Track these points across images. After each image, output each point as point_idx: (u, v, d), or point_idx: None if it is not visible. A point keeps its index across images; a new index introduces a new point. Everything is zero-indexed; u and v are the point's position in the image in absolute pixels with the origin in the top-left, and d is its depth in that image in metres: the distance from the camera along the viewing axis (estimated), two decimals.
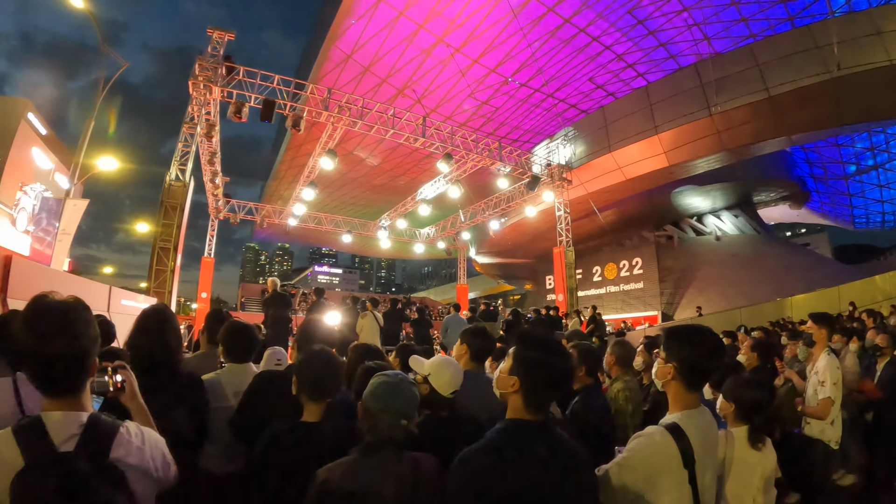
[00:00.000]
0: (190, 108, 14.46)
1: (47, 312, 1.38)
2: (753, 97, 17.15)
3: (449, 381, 2.42)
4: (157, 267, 13.72)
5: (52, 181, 15.70)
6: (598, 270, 31.28)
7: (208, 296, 23.59)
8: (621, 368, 4.00)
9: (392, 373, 2.01)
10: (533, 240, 28.37)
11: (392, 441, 1.83)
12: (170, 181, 14.11)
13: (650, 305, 27.68)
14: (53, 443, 1.31)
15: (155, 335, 2.43)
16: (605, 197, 23.26)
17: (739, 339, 7.30)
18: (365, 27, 21.41)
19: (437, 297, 54.34)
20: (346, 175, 29.90)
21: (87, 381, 1.44)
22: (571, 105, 29.38)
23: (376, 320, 9.56)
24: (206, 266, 23.52)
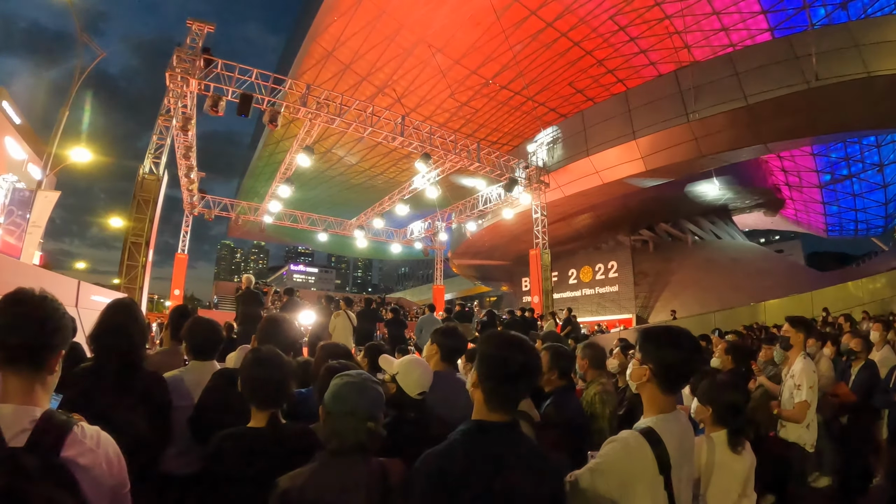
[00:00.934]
0: (166, 99, 14.24)
1: (20, 303, 1.37)
2: (731, 105, 17.36)
3: (417, 381, 2.38)
4: (129, 262, 13.43)
5: (24, 172, 15.40)
6: (574, 273, 31.49)
7: (181, 293, 23.21)
8: (595, 371, 3.95)
9: (355, 372, 1.89)
10: (510, 242, 28.46)
11: (358, 446, 1.71)
12: (143, 174, 13.85)
13: (625, 308, 27.95)
14: (3, 437, 1.25)
15: (119, 330, 2.34)
16: (582, 200, 23.43)
17: (714, 342, 7.34)
18: (347, 24, 21.31)
19: (414, 297, 54.29)
20: (323, 173, 29.77)
21: (45, 376, 1.39)
22: (551, 109, 29.59)
23: (349, 320, 9.49)
24: (179, 263, 23.11)
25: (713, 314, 17.22)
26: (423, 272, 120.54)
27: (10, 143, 14.36)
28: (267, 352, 2.24)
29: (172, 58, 13.48)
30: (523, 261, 25.91)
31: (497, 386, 1.66)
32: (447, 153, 17.71)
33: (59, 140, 14.03)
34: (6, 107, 13.76)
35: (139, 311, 2.53)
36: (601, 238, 29.98)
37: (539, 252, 20.28)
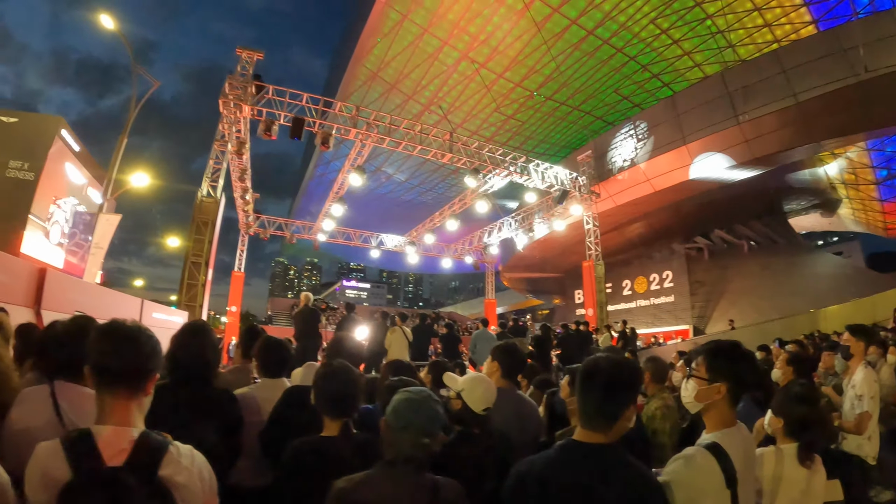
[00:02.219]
0: (220, 126, 14.74)
1: (117, 332, 1.49)
2: (781, 104, 16.89)
3: (482, 397, 2.42)
4: (189, 281, 13.93)
5: (84, 196, 16.23)
6: (628, 284, 30.80)
7: (238, 309, 23.89)
8: (657, 385, 3.92)
9: (416, 389, 1.97)
10: (561, 254, 28.20)
11: (412, 459, 1.78)
12: (201, 197, 14.37)
13: (681, 319, 27.15)
14: (102, 457, 1.33)
15: (194, 350, 2.48)
16: (633, 209, 23.09)
17: (774, 353, 7.11)
18: (390, 45, 21.71)
19: (465, 311, 54.21)
20: (373, 191, 30.19)
21: (141, 398, 1.49)
22: (598, 118, 29.35)
23: (405, 335, 9.59)
24: (236, 280, 23.87)
25: (772, 322, 16.65)
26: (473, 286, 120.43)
27: (70, 168, 15.14)
28: (338, 365, 2.36)
29: (225, 85, 13.97)
30: (575, 273, 25.60)
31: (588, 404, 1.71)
32: (496, 167, 17.74)
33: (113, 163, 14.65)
34: (65, 135, 14.53)
35: (212, 333, 2.67)
36: (655, 247, 29.37)
37: (592, 263, 19.97)
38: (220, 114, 14.39)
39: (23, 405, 1.95)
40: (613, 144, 23.31)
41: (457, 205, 22.92)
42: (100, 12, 14.26)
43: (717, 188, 21.38)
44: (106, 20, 14.19)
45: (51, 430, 1.82)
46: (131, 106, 14.93)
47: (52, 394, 1.97)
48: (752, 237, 29.03)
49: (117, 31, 14.65)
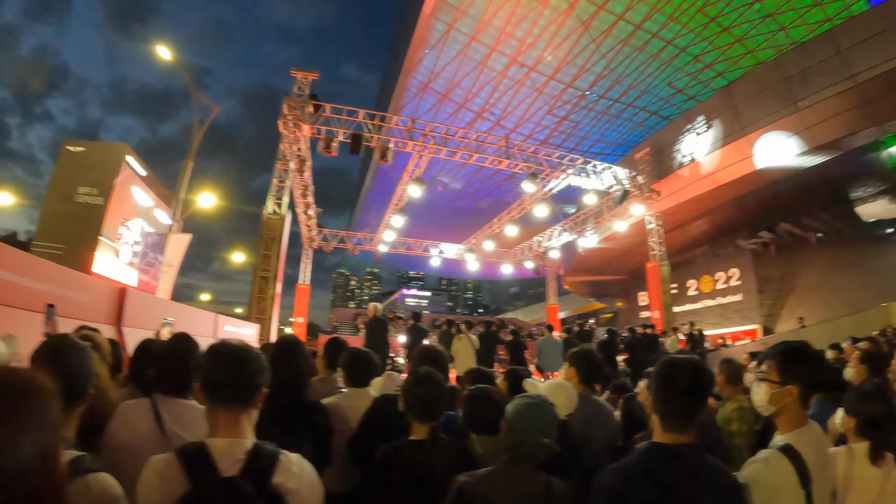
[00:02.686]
0: (281, 146, 15.20)
1: (228, 351, 1.60)
2: (839, 87, 16.02)
3: (564, 403, 2.47)
4: (259, 294, 14.36)
5: (152, 217, 17.16)
6: (694, 284, 29.56)
7: (304, 320, 24.53)
8: (732, 387, 3.86)
9: (535, 394, 2.14)
10: (624, 255, 27.62)
11: (531, 458, 1.94)
12: (267, 215, 14.85)
13: (749, 319, 25.86)
14: (218, 467, 1.41)
15: (289, 363, 2.59)
16: (696, 206, 22.44)
17: (846, 352, 6.78)
18: (439, 56, 21.91)
19: (526, 317, 53.69)
20: (430, 200, 30.43)
21: (251, 411, 1.59)
22: (653, 113, 28.74)
23: (471, 343, 9.64)
24: (301, 292, 24.60)
25: (842, 319, 15.83)
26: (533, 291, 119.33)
27: (137, 192, 16.02)
28: (425, 372, 2.46)
29: (283, 107, 14.44)
30: (638, 274, 25.07)
31: (669, 406, 1.74)
32: (553, 170, 17.62)
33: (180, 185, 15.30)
34: (131, 161, 15.39)
35: (304, 347, 2.80)
36: (719, 244, 28.30)
37: (657, 264, 19.49)
38: (276, 132, 14.84)
39: (124, 418, 2.07)
40: (671, 140, 22.73)
41: (515, 210, 22.85)
42: (154, 43, 14.99)
43: (780, 179, 20.44)
44: (163, 51, 14.88)
45: (153, 442, 1.95)
46: (194, 131, 15.57)
47: (153, 407, 2.09)
48: (818, 228, 27.41)
49: (175, 61, 15.34)
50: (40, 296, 4.93)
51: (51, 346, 1.78)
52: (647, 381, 3.19)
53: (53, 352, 1.74)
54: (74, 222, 13.92)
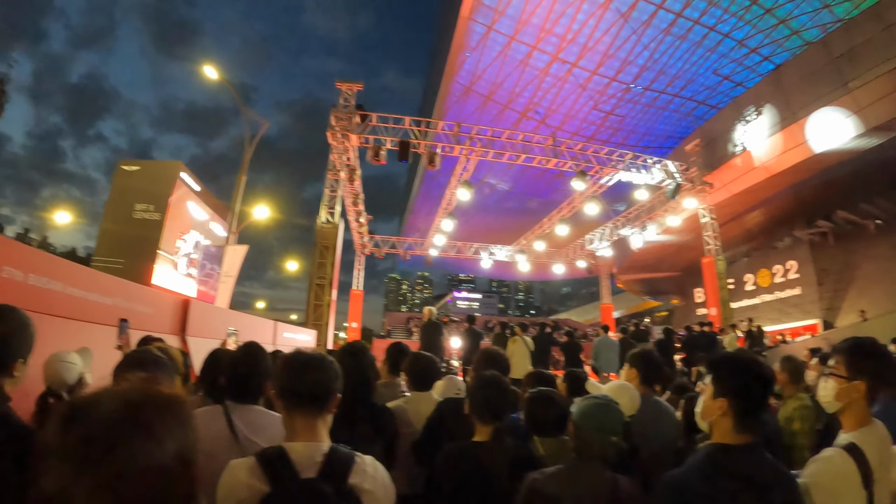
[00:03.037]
0: (331, 156, 15.49)
1: (305, 359, 1.69)
2: (891, 63, 15.14)
3: (628, 405, 2.50)
4: (315, 301, 14.69)
5: (208, 230, 17.82)
6: (751, 278, 28.43)
7: (359, 325, 25.04)
8: (794, 386, 3.81)
9: (601, 395, 2.19)
10: (678, 251, 26.96)
11: (601, 457, 1.99)
12: (321, 224, 15.18)
13: (809, 313, 24.60)
14: (296, 470, 1.48)
15: (356, 369, 2.64)
16: (750, 197, 21.70)
17: None
18: (480, 58, 21.91)
19: (579, 317, 52.87)
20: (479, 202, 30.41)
21: (326, 416, 1.67)
22: (700, 102, 27.93)
23: (526, 345, 9.61)
24: (355, 298, 25.22)
25: None
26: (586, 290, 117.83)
27: (192, 206, 16.65)
28: (490, 375, 2.52)
29: (330, 118, 14.76)
30: (693, 270, 24.40)
31: (749, 408, 1.73)
32: (602, 166, 17.37)
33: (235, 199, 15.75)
34: (185, 177, 15.99)
35: (370, 353, 2.86)
36: (776, 235, 27.15)
37: (712, 259, 18.90)
38: (325, 143, 15.15)
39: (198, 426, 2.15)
40: (721, 129, 22.04)
41: (565, 209, 22.63)
42: (200, 63, 15.44)
43: (835, 165, 19.42)
44: (210, 71, 15.34)
45: (226, 447, 2.03)
46: (245, 146, 16.00)
47: (226, 414, 2.17)
48: (877, 215, 25.97)
49: (222, 80, 15.83)
50: (111, 310, 5.18)
51: (135, 359, 1.88)
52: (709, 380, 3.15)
53: (138, 365, 1.84)
54: (133, 237, 14.61)
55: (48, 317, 4.16)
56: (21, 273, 3.91)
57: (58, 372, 2.64)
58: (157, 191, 15.17)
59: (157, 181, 15.44)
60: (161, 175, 15.78)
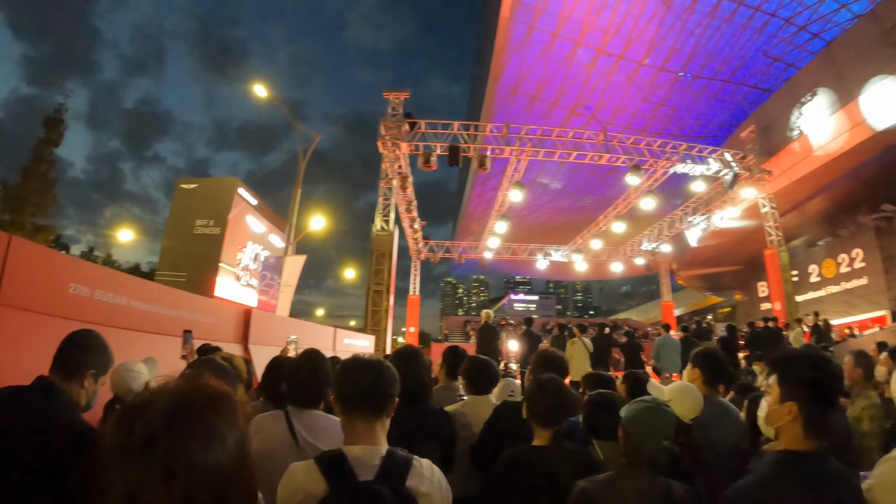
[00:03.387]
0: (383, 165, 15.70)
1: (362, 365, 1.71)
2: None
3: (691, 407, 2.43)
4: (373, 307, 14.94)
5: (267, 242, 18.44)
6: (815, 270, 26.38)
7: (416, 330, 25.35)
8: (864, 383, 3.61)
9: (650, 398, 2.11)
10: (739, 244, 25.92)
11: (652, 462, 1.92)
12: (376, 232, 15.42)
13: (876, 304, 22.53)
14: (354, 472, 1.50)
15: (410, 372, 2.63)
16: (810, 183, 20.66)
17: None
18: (524, 57, 21.77)
19: (639, 317, 51.62)
20: (532, 202, 30.19)
21: (384, 419, 1.69)
22: (752, 86, 26.84)
23: (585, 346, 9.47)
24: (412, 303, 25.68)
25: None
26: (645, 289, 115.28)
27: (251, 220, 17.27)
28: (548, 378, 2.49)
29: (380, 128, 15.01)
30: (756, 263, 23.39)
31: (820, 411, 1.59)
32: (656, 159, 16.98)
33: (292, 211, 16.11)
34: (242, 192, 16.54)
35: (423, 357, 2.88)
36: (839, 223, 25.38)
37: (775, 251, 18.17)
38: (376, 152, 15.39)
39: (259, 429, 2.22)
40: (776, 113, 21.12)
41: (620, 205, 22.21)
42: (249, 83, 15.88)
43: None
44: (259, 89, 15.78)
45: (286, 451, 2.09)
46: (299, 160, 16.36)
47: (287, 418, 2.23)
48: None
49: (271, 97, 16.27)
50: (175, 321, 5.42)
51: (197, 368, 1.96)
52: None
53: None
54: (194, 252, 15.33)
55: (114, 329, 4.36)
56: (88, 289, 4.13)
57: (124, 380, 2.77)
58: (215, 206, 15.81)
59: (216, 197, 16.08)
60: (219, 191, 16.43)
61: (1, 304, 3.27)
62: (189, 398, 0.87)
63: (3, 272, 3.29)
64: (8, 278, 3.31)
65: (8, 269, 3.32)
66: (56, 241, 37.41)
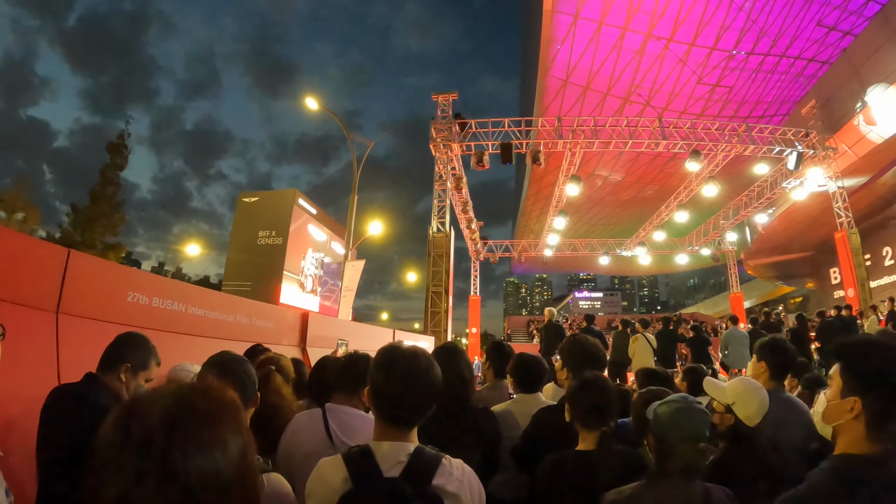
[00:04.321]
0: (436, 168, 15.78)
1: (400, 362, 1.60)
2: None
3: (758, 408, 2.22)
4: (432, 309, 15.13)
5: (329, 249, 19.04)
6: (889, 252, 24.43)
7: (478, 331, 25.40)
8: None
9: (679, 396, 1.93)
10: (808, 228, 24.55)
11: (688, 468, 1.75)
12: (433, 234, 15.52)
13: None
14: (380, 469, 1.47)
15: (450, 369, 2.54)
16: (878, 157, 19.24)
17: None
18: (571, 48, 21.41)
19: (708, 310, 49.72)
20: (591, 197, 29.68)
21: (421, 419, 1.61)
22: (809, 59, 25.32)
23: (648, 342, 9.22)
24: (473, 304, 25.75)
25: None
26: (714, 280, 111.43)
27: (312, 229, 17.72)
28: (591, 377, 2.34)
29: (431, 131, 15.10)
30: (827, 248, 22.13)
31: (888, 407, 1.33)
32: (715, 143, 16.35)
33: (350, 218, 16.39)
34: (302, 203, 16.98)
35: (465, 353, 2.80)
36: None
37: (845, 233, 17.13)
38: (429, 155, 15.46)
39: (296, 426, 2.28)
40: (837, 86, 19.99)
41: (683, 194, 21.54)
42: (303, 97, 16.17)
43: None
44: (311, 103, 16.10)
45: (321, 448, 2.10)
46: (354, 168, 16.61)
47: (323, 416, 2.24)
48: None
49: (324, 109, 16.59)
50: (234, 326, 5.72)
51: (215, 359, 2.03)
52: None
53: (217, 365, 1.99)
54: (258, 262, 15.92)
55: (173, 334, 4.64)
56: (146, 297, 4.37)
57: (179, 378, 2.94)
58: (276, 218, 16.34)
59: (276, 209, 16.63)
60: (279, 203, 16.96)
61: (62, 313, 3.47)
62: (190, 401, 0.85)
63: (63, 283, 3.50)
64: (68, 289, 3.52)
65: (68, 281, 3.53)
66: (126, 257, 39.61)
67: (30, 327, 3.20)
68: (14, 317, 2.99)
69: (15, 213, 27.84)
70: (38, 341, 3.24)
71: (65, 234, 28.49)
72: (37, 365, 3.14)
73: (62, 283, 3.50)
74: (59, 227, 29.52)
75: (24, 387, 2.82)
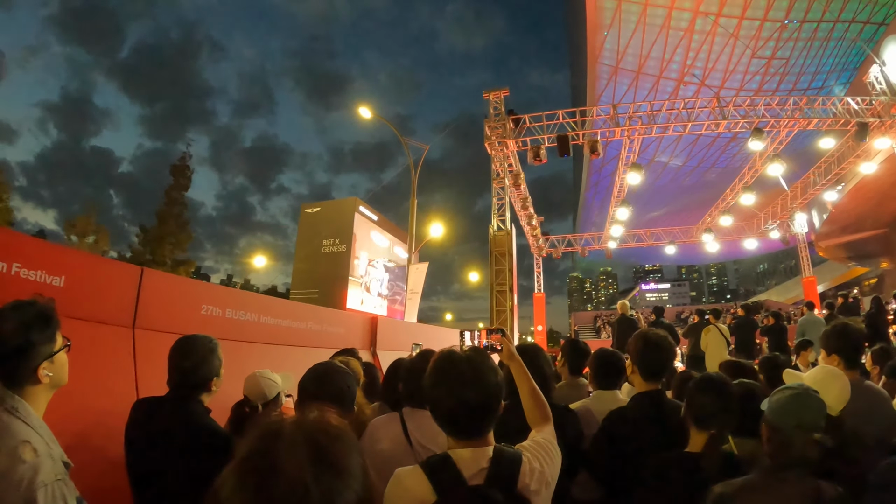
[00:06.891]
0: (493, 166, 15.72)
1: (456, 366, 1.52)
2: None
3: (838, 396, 2.11)
4: (497, 308, 15.01)
5: (393, 253, 19.35)
6: None
7: (544, 328, 25.22)
8: None
9: (795, 384, 1.84)
10: (879, 202, 22.96)
11: (802, 459, 1.67)
12: (494, 232, 15.46)
13: None
14: (463, 476, 1.41)
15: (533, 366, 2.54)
16: None
17: None
18: (619, 34, 20.94)
19: (780, 297, 47.21)
20: (653, 184, 28.89)
21: (491, 426, 1.53)
22: (864, 22, 23.42)
23: (721, 334, 8.82)
24: (538, 301, 25.54)
25: None
26: (784, 265, 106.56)
27: (375, 235, 18.08)
28: (716, 376, 2.25)
29: (485, 129, 15.03)
30: None
31: None
32: (777, 119, 15.62)
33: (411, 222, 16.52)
34: (363, 210, 17.26)
35: (544, 352, 2.75)
36: None
37: None
38: (485, 154, 15.39)
39: (375, 432, 2.25)
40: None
41: (747, 175, 20.75)
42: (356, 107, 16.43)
43: None
44: (364, 111, 16.34)
45: (400, 453, 2.08)
46: (412, 172, 16.75)
47: (401, 420, 2.23)
48: None
49: (378, 117, 16.83)
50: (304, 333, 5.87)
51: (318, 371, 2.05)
52: None
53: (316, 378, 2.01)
54: (324, 270, 16.40)
55: (247, 343, 4.82)
56: (219, 309, 4.56)
57: (258, 386, 2.95)
58: (339, 226, 16.78)
59: (338, 217, 17.08)
60: (341, 211, 17.41)
61: (138, 328, 3.64)
62: (325, 443, 0.83)
63: (139, 299, 3.68)
64: (143, 304, 3.70)
65: (142, 297, 3.70)
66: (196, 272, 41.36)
67: (108, 343, 3.36)
68: (92, 334, 3.18)
69: (86, 237, 29.39)
70: (117, 356, 3.39)
71: (135, 253, 30.08)
72: (115, 379, 3.28)
73: (137, 299, 3.67)
74: (130, 248, 31.26)
75: (102, 399, 2.96)
